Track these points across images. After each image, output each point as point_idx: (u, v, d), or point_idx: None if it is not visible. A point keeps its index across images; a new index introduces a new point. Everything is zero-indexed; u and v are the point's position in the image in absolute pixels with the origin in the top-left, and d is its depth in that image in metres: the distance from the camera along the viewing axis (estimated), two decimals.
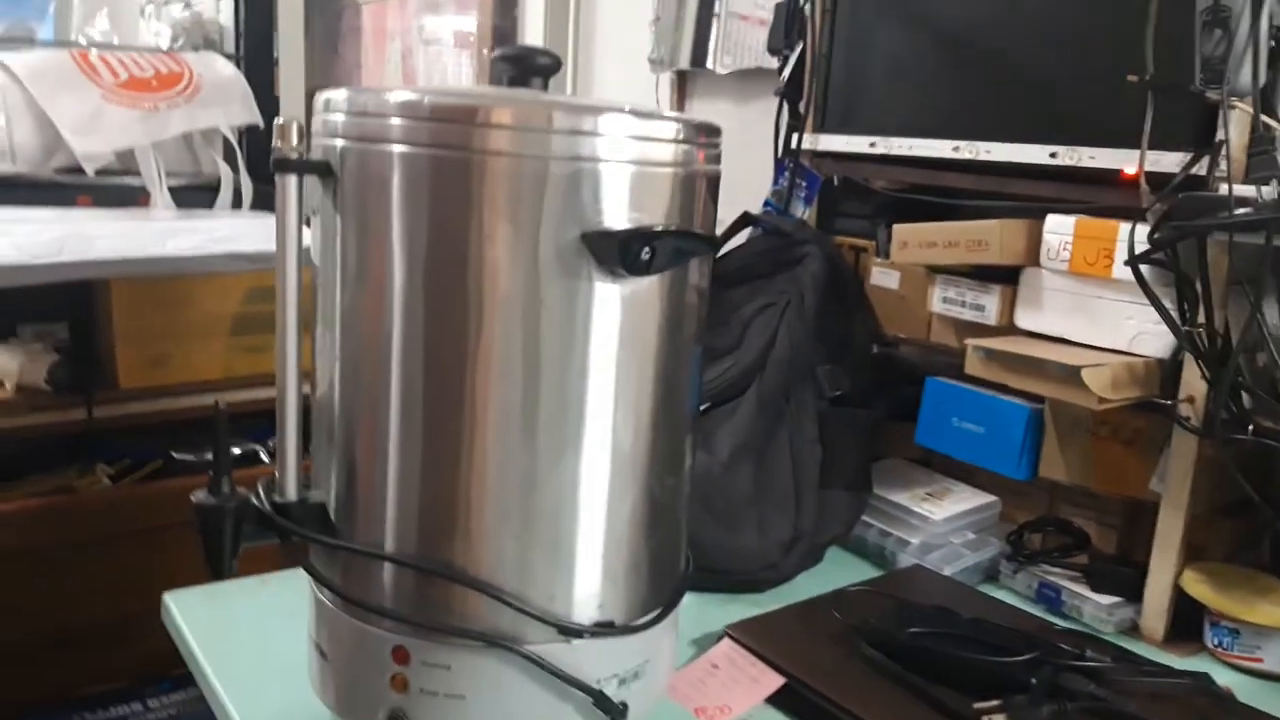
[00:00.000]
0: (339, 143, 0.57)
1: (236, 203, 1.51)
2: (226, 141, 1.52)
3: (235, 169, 1.51)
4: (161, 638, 0.84)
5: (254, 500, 0.59)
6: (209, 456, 0.60)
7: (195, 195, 1.48)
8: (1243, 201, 0.72)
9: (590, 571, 0.60)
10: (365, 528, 0.59)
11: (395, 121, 0.54)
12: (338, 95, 0.57)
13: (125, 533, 1.27)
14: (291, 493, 0.60)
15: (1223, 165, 0.76)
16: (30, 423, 1.24)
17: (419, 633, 0.58)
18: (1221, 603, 0.82)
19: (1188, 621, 0.86)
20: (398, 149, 0.54)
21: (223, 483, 0.58)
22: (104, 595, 1.27)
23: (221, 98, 1.51)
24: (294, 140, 0.56)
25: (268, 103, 1.69)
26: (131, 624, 1.29)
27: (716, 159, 0.62)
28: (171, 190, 1.43)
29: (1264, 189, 0.72)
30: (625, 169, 0.55)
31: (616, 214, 0.55)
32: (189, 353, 1.29)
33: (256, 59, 1.74)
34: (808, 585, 0.93)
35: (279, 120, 0.56)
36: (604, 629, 0.61)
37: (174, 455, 1.38)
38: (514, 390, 0.56)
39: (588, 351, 0.57)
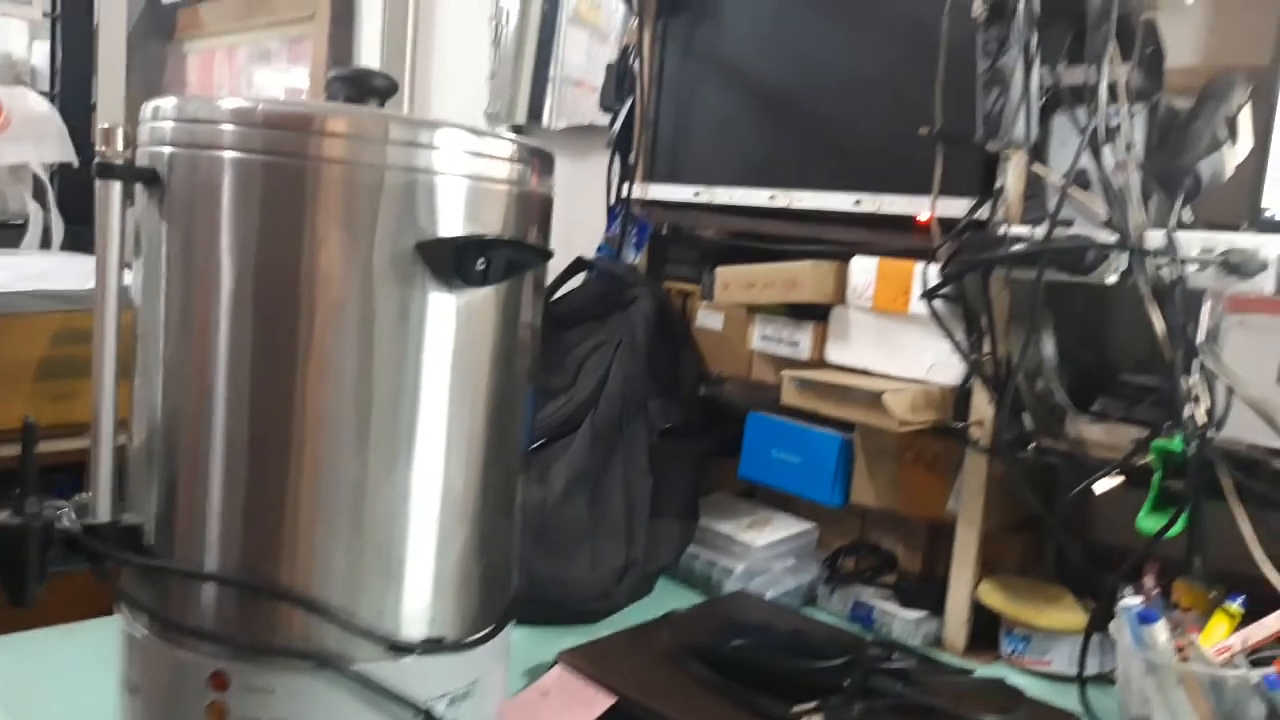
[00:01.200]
0: (166, 150, 0.56)
1: (45, 242, 1.43)
2: (36, 179, 1.45)
3: (45, 207, 1.43)
4: None
5: (63, 521, 0.57)
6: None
7: (2, 234, 1.40)
8: (1019, 240, 0.81)
9: (421, 585, 0.60)
10: (185, 548, 0.58)
11: (228, 128, 0.54)
12: (166, 103, 0.57)
13: None
14: (104, 514, 0.58)
15: (1002, 209, 0.85)
16: None
17: (240, 655, 0.56)
18: (1014, 611, 0.90)
19: (986, 632, 0.93)
20: (230, 155, 0.54)
21: (28, 502, 0.56)
22: None
23: (34, 133, 1.44)
24: (119, 145, 0.56)
25: (83, 145, 1.62)
26: None
27: (549, 183, 0.65)
28: None
29: (1037, 229, 0.81)
30: (461, 183, 0.57)
31: (452, 226, 0.56)
32: None
33: (73, 100, 1.67)
34: (639, 614, 0.95)
35: (103, 124, 0.55)
36: (434, 645, 0.61)
37: None
38: (345, 399, 0.56)
39: (421, 361, 0.58)
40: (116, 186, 0.56)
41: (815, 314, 1.04)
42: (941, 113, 0.87)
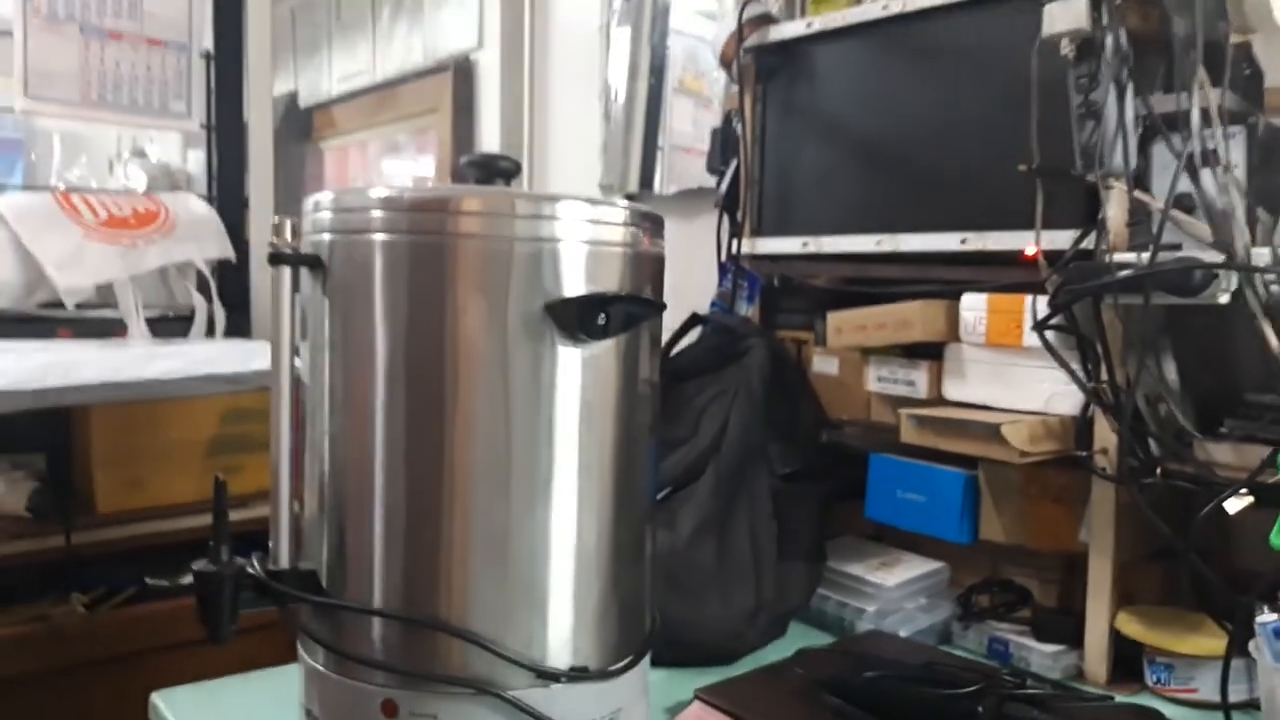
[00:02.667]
0: (326, 237, 0.64)
1: (210, 331, 1.58)
2: (200, 274, 1.60)
3: (209, 299, 1.58)
4: None
5: (250, 568, 0.64)
6: (182, 582, 0.64)
7: (170, 325, 1.55)
8: (1125, 266, 0.82)
9: (563, 617, 0.65)
10: (355, 588, 0.65)
11: (377, 214, 0.62)
12: (325, 196, 0.65)
13: (102, 659, 1.28)
14: (284, 561, 0.65)
15: (1106, 238, 0.86)
16: (8, 551, 1.26)
17: (407, 683, 0.62)
18: (1153, 639, 0.88)
19: (1129, 663, 0.92)
20: (380, 237, 0.62)
21: (222, 551, 0.63)
22: None
23: (196, 234, 1.60)
24: (288, 236, 0.64)
25: (238, 241, 1.78)
26: None
27: (660, 243, 0.70)
28: (148, 321, 1.49)
29: (1143, 254, 0.82)
30: (582, 248, 0.63)
31: (575, 286, 0.63)
32: (165, 476, 1.33)
33: (228, 200, 1.84)
34: (773, 655, 0.98)
35: (275, 218, 0.63)
36: (579, 674, 0.65)
37: (148, 582, 1.40)
38: (489, 448, 0.62)
39: (553, 411, 0.64)
40: (286, 272, 0.64)
41: (929, 353, 1.06)
42: (1039, 149, 0.89)
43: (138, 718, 0.88)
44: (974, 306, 1.00)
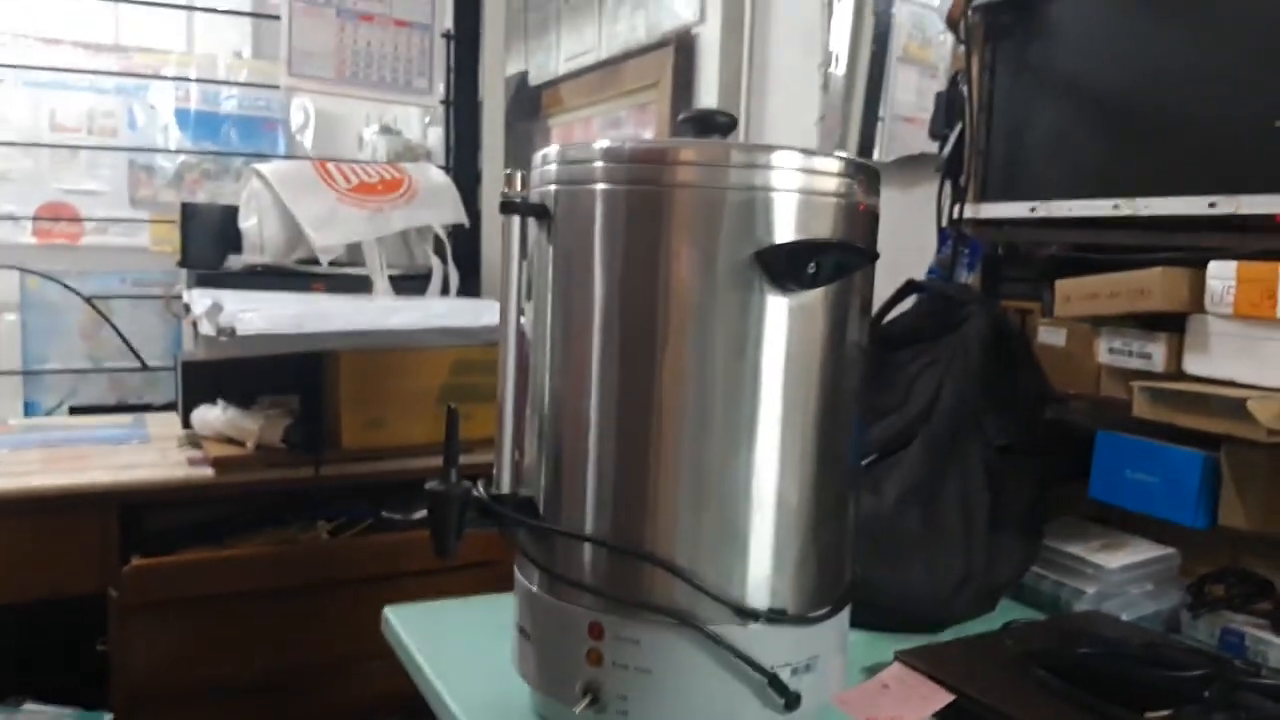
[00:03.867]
0: (552, 188, 0.68)
1: (445, 290, 1.70)
2: (437, 238, 1.72)
3: (445, 260, 1.70)
4: (364, 683, 0.94)
5: (476, 491, 0.69)
6: (414, 516, 0.70)
7: (410, 284, 1.68)
8: None
9: (762, 558, 0.67)
10: (568, 516, 0.69)
11: (599, 165, 0.65)
12: (551, 150, 0.69)
13: (340, 581, 1.42)
14: (506, 487, 0.70)
15: None
16: (265, 477, 1.41)
17: (613, 608, 0.66)
18: None
19: None
20: (600, 187, 0.65)
21: (451, 473, 0.69)
22: (318, 637, 1.41)
23: (434, 201, 1.72)
24: (518, 186, 0.68)
25: (472, 210, 1.90)
26: (339, 667, 1.42)
27: (875, 198, 0.70)
28: (390, 279, 1.63)
29: None
30: (793, 198, 0.64)
31: (785, 236, 0.63)
32: (402, 419, 1.44)
33: (463, 171, 1.97)
34: (981, 629, 0.95)
35: (497, 166, 0.68)
36: (777, 616, 0.67)
37: (383, 514, 1.53)
38: (696, 391, 0.64)
39: (760, 358, 0.65)
40: (515, 220, 0.69)
41: (1169, 325, 0.99)
42: None
43: (370, 630, 0.97)
44: (1222, 274, 0.92)
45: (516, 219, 0.69)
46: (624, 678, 0.66)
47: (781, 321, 0.65)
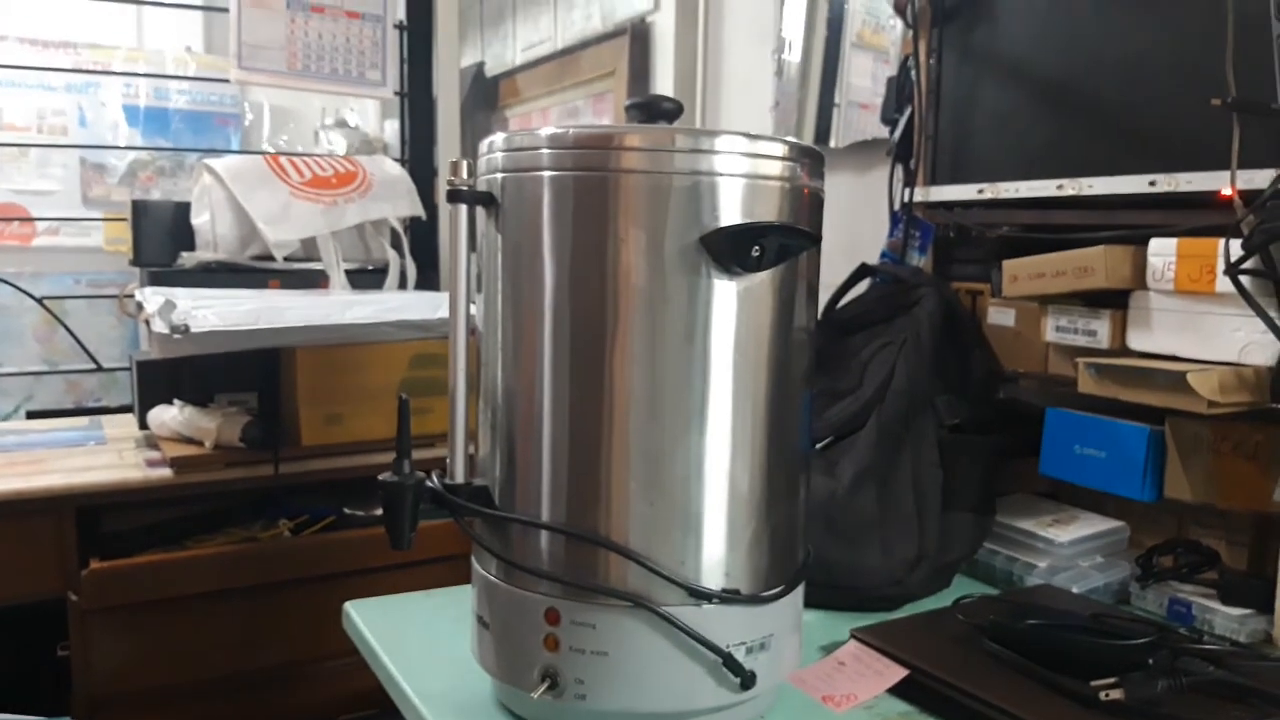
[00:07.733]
0: (499, 176, 0.68)
1: (402, 283, 1.69)
2: (394, 231, 1.71)
3: (401, 254, 1.70)
4: (331, 682, 0.94)
5: (429, 481, 0.69)
6: (377, 513, 0.70)
7: (366, 278, 1.67)
8: None
9: (715, 540, 0.67)
10: (523, 504, 0.69)
11: (545, 151, 0.66)
12: (498, 137, 0.69)
13: (302, 578, 1.41)
14: (460, 476, 0.70)
15: None
16: (224, 477, 1.40)
17: (568, 594, 0.66)
18: None
19: None
20: (547, 174, 0.65)
21: (404, 464, 0.69)
22: (283, 637, 1.40)
23: (390, 194, 1.71)
24: (464, 175, 0.68)
25: (428, 203, 1.89)
26: (305, 666, 1.42)
27: (819, 182, 0.71)
28: (347, 273, 1.62)
29: None
30: (738, 183, 0.65)
31: (731, 220, 0.64)
32: (361, 414, 1.44)
33: (419, 164, 1.96)
34: (935, 605, 0.97)
35: (452, 158, 0.68)
36: (730, 596, 0.68)
37: (345, 511, 1.52)
38: (645, 375, 0.65)
39: (709, 342, 0.66)
40: (463, 208, 0.69)
41: (1113, 302, 1.01)
42: (1234, 83, 0.83)
43: (332, 627, 0.97)
44: (1162, 251, 0.94)
45: (464, 208, 0.69)
46: (581, 661, 0.66)
47: (730, 305, 0.66)
